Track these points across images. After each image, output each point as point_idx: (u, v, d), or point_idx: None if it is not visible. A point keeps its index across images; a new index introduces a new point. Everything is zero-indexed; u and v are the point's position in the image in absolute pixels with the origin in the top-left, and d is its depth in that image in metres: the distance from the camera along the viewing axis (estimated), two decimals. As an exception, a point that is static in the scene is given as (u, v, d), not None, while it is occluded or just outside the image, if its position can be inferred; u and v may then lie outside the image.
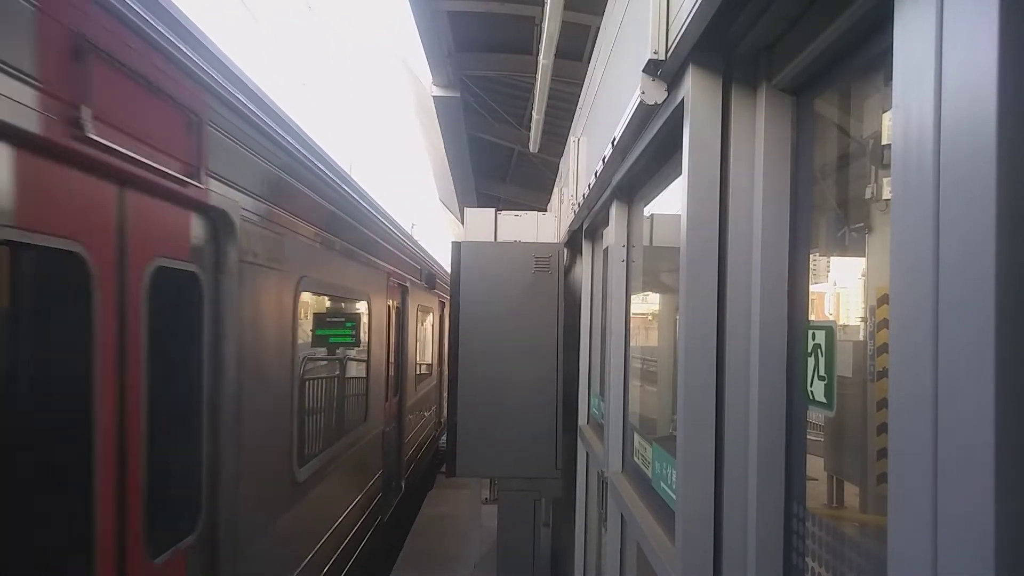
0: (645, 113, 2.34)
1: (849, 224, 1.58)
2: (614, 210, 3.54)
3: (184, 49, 2.79)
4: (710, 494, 1.88)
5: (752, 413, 1.77)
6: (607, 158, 3.08)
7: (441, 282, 12.18)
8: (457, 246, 5.88)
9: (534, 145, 8.16)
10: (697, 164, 1.93)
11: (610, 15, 3.46)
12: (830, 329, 1.51)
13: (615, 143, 2.82)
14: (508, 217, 6.59)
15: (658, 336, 3.23)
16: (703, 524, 1.89)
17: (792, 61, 1.63)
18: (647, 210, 3.30)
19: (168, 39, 2.66)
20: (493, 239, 6.40)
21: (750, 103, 1.84)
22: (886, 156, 1.28)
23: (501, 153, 12.54)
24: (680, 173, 2.03)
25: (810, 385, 1.58)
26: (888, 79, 1.12)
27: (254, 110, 3.54)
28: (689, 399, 1.92)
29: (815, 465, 1.64)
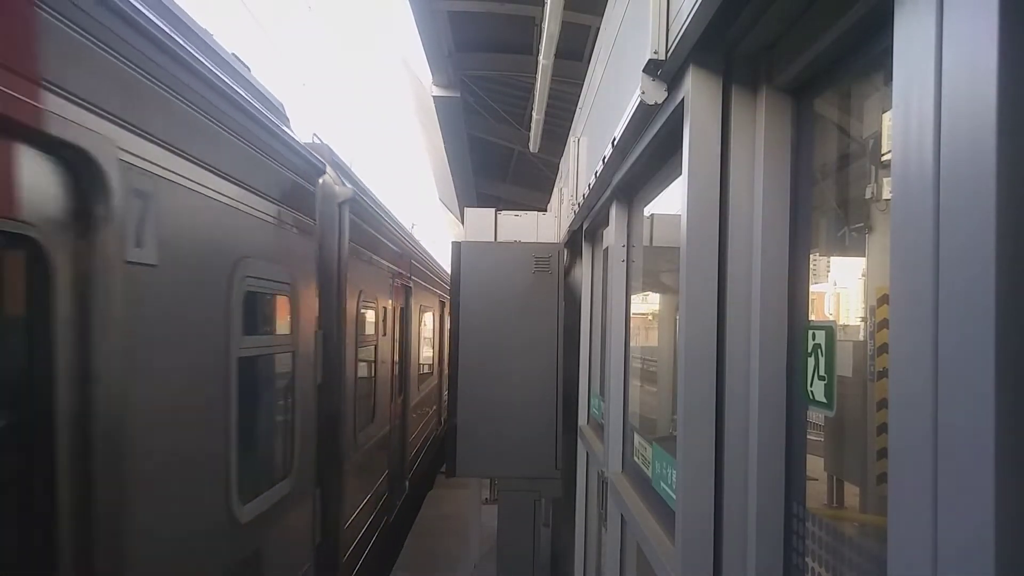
0: (645, 113, 2.34)
1: (849, 224, 1.58)
2: (614, 210, 3.54)
3: None
4: (710, 494, 1.88)
5: (752, 413, 1.77)
6: (607, 158, 3.08)
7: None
8: (457, 246, 5.88)
9: (534, 145, 8.16)
10: (697, 164, 1.93)
11: (610, 15, 3.46)
12: (830, 329, 1.51)
13: (615, 143, 2.82)
14: (508, 217, 6.59)
15: (658, 336, 3.22)
16: (703, 524, 1.89)
17: (792, 61, 1.63)
18: (647, 210, 3.29)
19: None
20: (493, 239, 6.40)
21: (750, 103, 1.84)
22: (886, 156, 1.28)
23: (501, 153, 12.54)
24: (680, 173, 2.03)
25: (810, 385, 1.58)
26: (888, 79, 1.12)
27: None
28: (689, 399, 1.92)
29: (815, 465, 1.64)
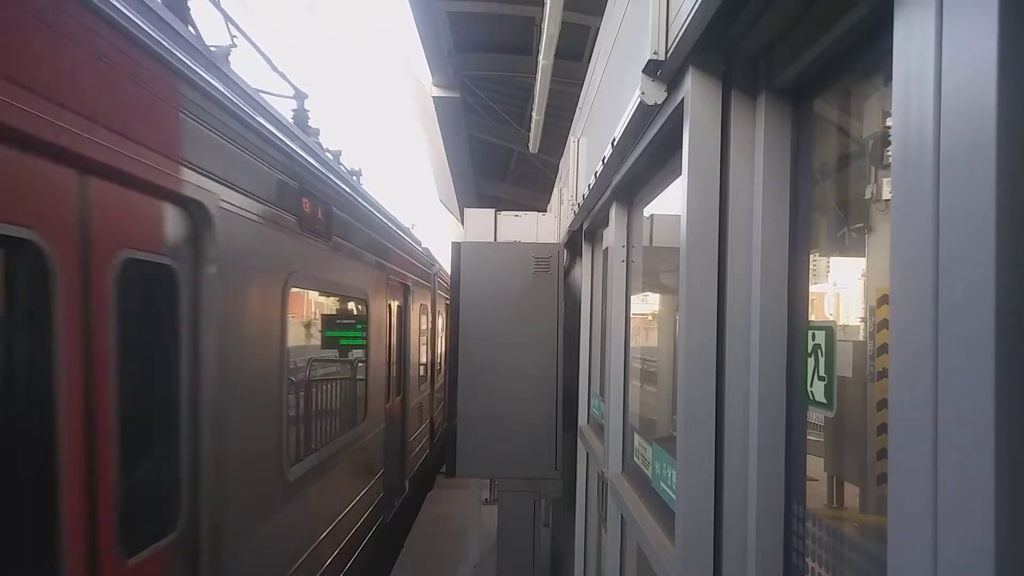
0: (645, 113, 2.34)
1: (849, 224, 1.58)
2: (614, 211, 3.54)
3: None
4: (710, 494, 1.88)
5: (752, 413, 1.77)
6: (607, 159, 3.08)
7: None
8: (457, 246, 5.88)
9: (534, 145, 8.16)
10: (697, 164, 1.93)
11: (610, 15, 3.46)
12: (830, 329, 1.51)
13: (615, 143, 2.82)
14: (508, 217, 6.58)
15: (658, 336, 3.22)
16: (703, 524, 1.89)
17: (792, 62, 1.63)
18: (647, 211, 3.29)
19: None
20: (493, 239, 6.40)
21: (750, 103, 1.84)
22: (886, 156, 1.28)
23: (501, 153, 12.55)
24: (680, 173, 2.03)
25: (810, 385, 1.58)
26: (888, 79, 1.12)
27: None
28: (689, 399, 1.92)
29: (815, 465, 1.64)
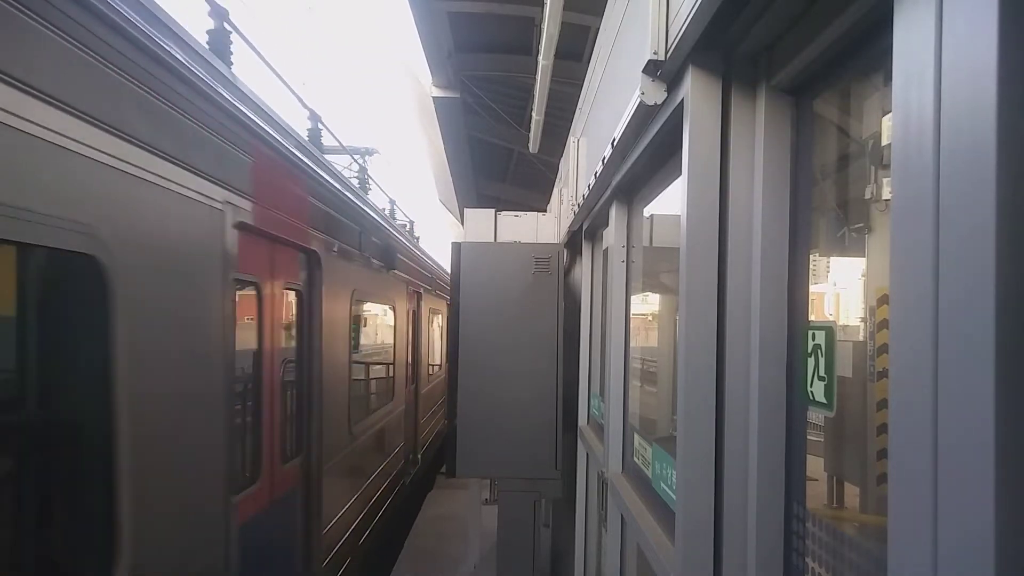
0: (645, 113, 2.34)
1: (849, 224, 1.58)
2: (614, 211, 3.54)
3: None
4: (710, 494, 1.88)
5: (752, 413, 1.76)
6: (607, 158, 3.08)
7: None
8: (457, 247, 5.88)
9: (534, 145, 8.16)
10: (697, 164, 1.93)
11: (610, 15, 3.46)
12: (830, 329, 1.51)
13: (615, 143, 2.82)
14: (508, 218, 6.58)
15: (658, 336, 3.22)
16: (703, 524, 1.89)
17: (792, 61, 1.63)
18: (647, 210, 3.29)
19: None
20: (493, 240, 6.40)
21: (750, 103, 1.84)
22: (886, 156, 1.28)
23: (501, 153, 12.54)
24: (680, 173, 2.03)
25: (810, 385, 1.58)
26: (888, 79, 1.12)
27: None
28: (689, 399, 1.92)
29: (815, 465, 1.64)
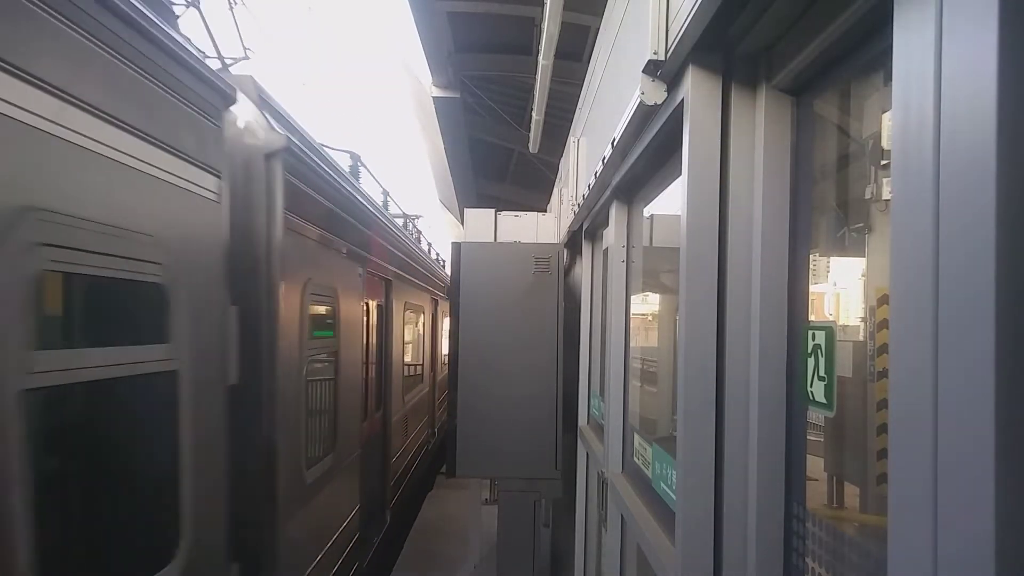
0: (645, 113, 2.34)
1: (849, 224, 1.58)
2: (614, 210, 3.54)
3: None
4: (710, 494, 1.88)
5: (752, 413, 1.76)
6: (607, 158, 3.08)
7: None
8: (457, 247, 5.88)
9: (534, 145, 8.15)
10: (697, 164, 1.93)
11: (610, 15, 3.46)
12: (830, 329, 1.51)
13: (615, 143, 2.82)
14: (508, 217, 6.58)
15: (658, 336, 3.22)
16: (703, 524, 1.89)
17: (792, 61, 1.63)
18: (647, 210, 3.29)
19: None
20: (493, 239, 6.40)
21: (750, 103, 1.84)
22: (886, 156, 1.28)
23: (501, 153, 12.53)
24: (680, 173, 2.03)
25: (810, 385, 1.58)
26: (888, 79, 1.12)
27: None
28: (689, 399, 1.92)
29: (815, 465, 1.64)
